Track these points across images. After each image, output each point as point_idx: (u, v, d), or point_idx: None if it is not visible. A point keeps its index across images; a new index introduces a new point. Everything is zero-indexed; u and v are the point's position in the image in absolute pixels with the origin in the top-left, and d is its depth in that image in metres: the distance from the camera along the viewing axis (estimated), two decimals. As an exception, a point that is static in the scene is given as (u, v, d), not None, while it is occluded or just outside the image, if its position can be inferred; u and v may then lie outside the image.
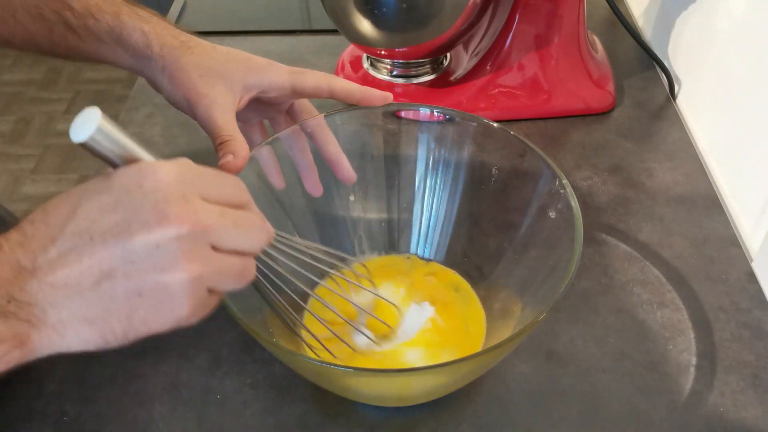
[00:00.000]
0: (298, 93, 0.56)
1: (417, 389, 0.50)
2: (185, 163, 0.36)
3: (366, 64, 0.87)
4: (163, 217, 0.33)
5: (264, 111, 0.60)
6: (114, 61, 0.57)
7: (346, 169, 0.59)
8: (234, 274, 0.37)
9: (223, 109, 0.52)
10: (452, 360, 0.44)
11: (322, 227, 0.61)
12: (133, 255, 0.33)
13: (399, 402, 0.54)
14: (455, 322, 0.57)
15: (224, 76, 0.53)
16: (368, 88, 0.57)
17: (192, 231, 0.33)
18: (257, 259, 0.41)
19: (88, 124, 0.33)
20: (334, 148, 0.58)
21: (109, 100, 2.39)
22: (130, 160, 0.36)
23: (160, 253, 0.33)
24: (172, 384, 0.57)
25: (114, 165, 0.36)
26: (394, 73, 0.85)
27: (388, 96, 0.58)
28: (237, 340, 0.60)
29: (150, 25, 0.55)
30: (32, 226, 0.34)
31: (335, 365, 0.45)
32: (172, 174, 0.34)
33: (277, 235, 0.45)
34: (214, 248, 0.35)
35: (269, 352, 0.57)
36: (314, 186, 0.59)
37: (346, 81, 0.57)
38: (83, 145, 0.34)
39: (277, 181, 0.58)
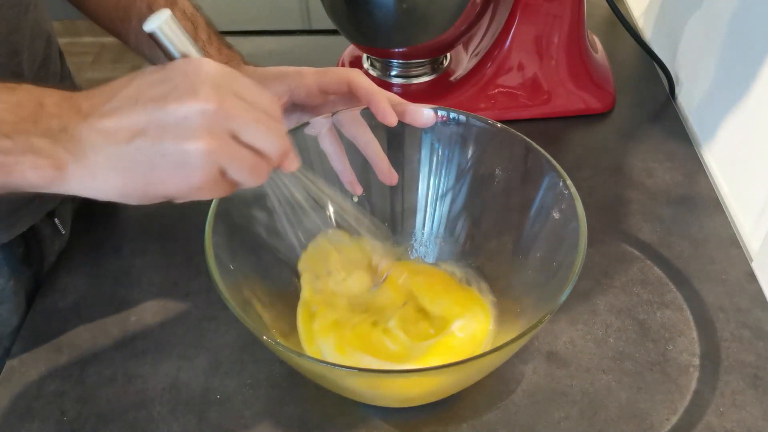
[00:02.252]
0: (324, 91, 0.57)
1: (418, 390, 0.50)
2: (229, 68, 0.42)
3: (366, 64, 0.87)
4: (194, 94, 0.38)
5: (320, 112, 0.61)
6: None
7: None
8: (246, 166, 0.40)
9: None
10: (454, 362, 0.44)
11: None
12: (164, 120, 0.38)
13: (400, 403, 0.54)
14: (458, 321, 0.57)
15: None
16: (382, 96, 0.55)
17: (216, 111, 0.38)
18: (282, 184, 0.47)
19: (159, 19, 0.41)
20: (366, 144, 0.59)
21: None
22: (186, 57, 0.43)
23: (186, 123, 0.38)
24: (172, 384, 0.57)
25: (173, 59, 0.43)
26: (394, 73, 0.85)
27: (392, 119, 0.55)
28: (237, 340, 0.60)
29: None
30: (99, 88, 0.41)
31: (336, 365, 0.45)
32: (214, 67, 0.40)
33: (304, 173, 0.49)
34: (234, 139, 0.40)
35: (269, 352, 0.57)
36: (354, 184, 0.61)
37: (365, 79, 0.56)
38: (152, 35, 0.41)
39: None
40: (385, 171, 0.58)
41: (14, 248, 0.63)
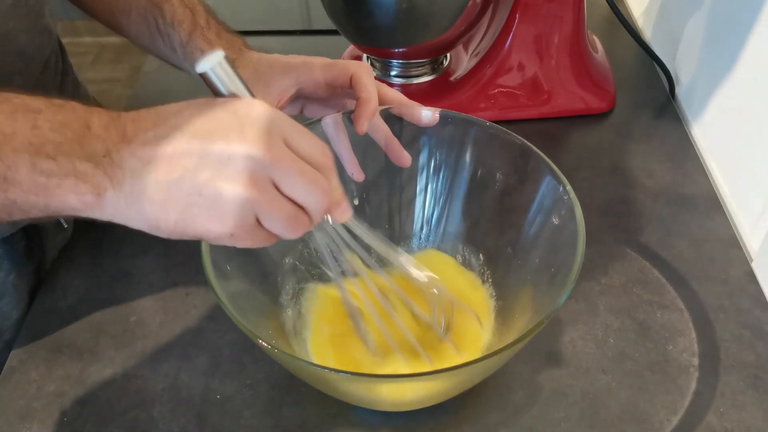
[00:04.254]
0: (330, 84, 0.57)
1: (416, 395, 0.50)
2: (282, 113, 0.41)
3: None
4: (242, 137, 0.37)
5: (326, 103, 0.61)
6: (184, 69, 0.65)
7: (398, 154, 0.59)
8: (283, 217, 0.39)
9: None
10: (450, 366, 0.43)
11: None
12: (207, 158, 0.37)
13: (398, 407, 0.54)
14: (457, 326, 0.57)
15: (262, 81, 0.58)
16: (370, 105, 0.55)
17: (261, 158, 0.37)
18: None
19: (212, 60, 0.40)
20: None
21: (109, 100, 2.38)
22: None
23: (229, 165, 0.37)
24: (172, 384, 0.57)
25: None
26: (394, 73, 0.85)
27: (360, 129, 0.55)
28: (237, 340, 0.60)
29: (210, 47, 0.61)
30: (147, 111, 0.40)
31: (333, 370, 0.45)
32: (265, 111, 0.39)
33: (355, 222, 0.49)
34: (276, 188, 0.39)
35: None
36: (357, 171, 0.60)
37: (368, 79, 0.56)
38: (203, 75, 0.41)
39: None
40: (398, 153, 0.58)
41: (16, 242, 0.63)
